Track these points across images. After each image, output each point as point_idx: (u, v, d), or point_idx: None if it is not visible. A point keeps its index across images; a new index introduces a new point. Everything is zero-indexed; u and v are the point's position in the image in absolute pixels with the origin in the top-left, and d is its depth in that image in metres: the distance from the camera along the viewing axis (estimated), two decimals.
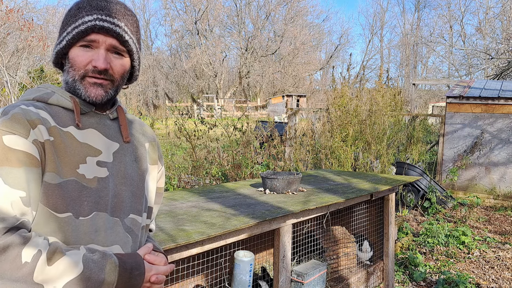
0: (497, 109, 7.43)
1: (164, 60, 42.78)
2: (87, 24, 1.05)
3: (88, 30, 1.05)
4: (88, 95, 1.08)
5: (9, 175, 0.92)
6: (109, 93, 1.11)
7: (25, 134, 0.96)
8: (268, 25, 40.58)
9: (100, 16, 1.06)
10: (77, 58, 1.07)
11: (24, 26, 12.59)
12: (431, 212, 6.50)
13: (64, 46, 1.08)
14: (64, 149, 1.02)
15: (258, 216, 2.05)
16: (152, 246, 1.16)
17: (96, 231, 1.03)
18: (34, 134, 0.98)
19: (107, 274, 0.97)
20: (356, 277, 3.02)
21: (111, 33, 1.07)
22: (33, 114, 1.00)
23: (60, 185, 0.99)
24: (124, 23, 1.10)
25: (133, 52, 1.14)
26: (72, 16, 1.09)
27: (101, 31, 1.06)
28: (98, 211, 1.04)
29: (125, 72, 1.14)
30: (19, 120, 0.97)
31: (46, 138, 1.00)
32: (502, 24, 23.51)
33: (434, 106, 20.24)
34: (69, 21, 1.08)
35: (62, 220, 0.99)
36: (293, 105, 29.96)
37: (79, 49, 1.07)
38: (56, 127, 1.03)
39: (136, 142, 1.21)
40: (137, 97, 35.46)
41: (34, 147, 0.97)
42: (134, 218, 1.13)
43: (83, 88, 1.08)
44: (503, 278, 4.22)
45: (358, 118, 6.67)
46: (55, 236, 0.98)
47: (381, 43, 47.94)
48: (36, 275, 0.89)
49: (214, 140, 6.50)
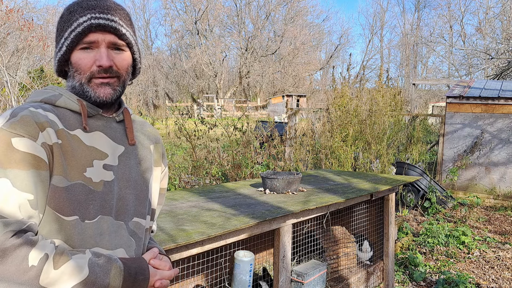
0: (497, 109, 7.43)
1: (164, 60, 42.79)
2: (83, 25, 1.05)
3: (86, 30, 1.05)
4: (97, 96, 1.08)
5: (17, 178, 0.92)
6: (117, 90, 1.12)
7: (34, 137, 0.96)
8: (268, 25, 40.61)
9: (93, 14, 1.06)
10: (80, 62, 1.07)
11: (24, 26, 12.59)
12: (431, 212, 6.50)
13: (65, 52, 1.08)
14: (72, 152, 1.02)
15: (258, 216, 2.05)
16: (157, 250, 1.17)
17: (100, 234, 1.03)
18: (43, 137, 0.97)
19: (111, 278, 0.97)
20: (356, 277, 3.02)
21: (108, 29, 1.07)
22: (41, 117, 1.00)
23: (67, 189, 0.99)
24: (118, 17, 1.10)
25: (132, 44, 1.14)
26: (65, 21, 1.08)
27: (98, 29, 1.06)
28: (103, 215, 1.04)
29: (129, 66, 1.14)
30: (28, 123, 0.97)
31: (55, 141, 1.00)
32: (502, 24, 23.51)
33: (434, 106, 20.24)
34: (64, 27, 1.08)
35: (68, 223, 0.99)
36: (293, 105, 29.96)
37: (80, 52, 1.07)
38: (63, 130, 1.03)
39: (140, 144, 1.21)
40: (137, 97, 35.47)
41: (42, 150, 0.97)
42: (138, 222, 1.13)
43: (91, 90, 1.08)
44: (503, 278, 4.22)
45: (358, 118, 6.67)
46: (61, 239, 0.98)
47: (381, 43, 47.96)
48: (42, 278, 0.89)
49: (214, 140, 6.50)
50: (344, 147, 6.37)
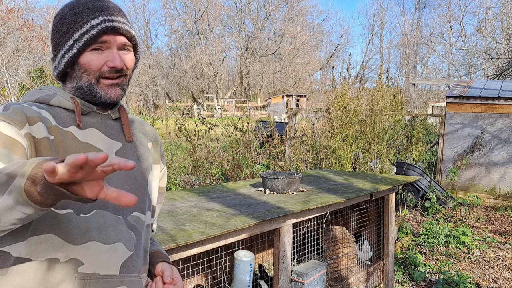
0: (497, 109, 7.43)
1: (164, 60, 42.80)
2: (98, 28, 1.05)
3: (100, 33, 1.06)
4: (108, 97, 1.10)
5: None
6: (124, 90, 1.14)
7: (19, 127, 0.97)
8: (268, 25, 40.62)
9: (105, 17, 1.07)
10: (92, 62, 1.07)
11: (24, 26, 12.59)
12: (431, 212, 6.50)
13: (75, 54, 1.08)
14: (64, 147, 1.03)
15: (258, 216, 2.05)
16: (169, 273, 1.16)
17: (98, 228, 1.02)
18: (29, 129, 0.98)
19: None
20: (356, 277, 3.02)
21: (121, 31, 1.08)
22: (33, 112, 1.02)
23: None
24: (126, 19, 1.12)
25: (138, 45, 1.16)
26: (70, 22, 1.08)
27: (112, 31, 1.07)
28: (99, 209, 1.04)
29: (134, 65, 1.17)
30: (17, 114, 0.99)
31: (45, 136, 1.00)
32: (502, 24, 23.51)
33: (434, 106, 20.25)
34: (70, 29, 1.07)
35: (62, 216, 0.98)
36: (293, 105, 29.97)
37: (91, 53, 1.07)
38: (56, 126, 1.04)
39: (138, 142, 1.21)
40: (137, 97, 35.49)
41: (24, 139, 0.97)
42: (137, 216, 1.13)
43: (101, 90, 1.09)
44: (503, 278, 4.22)
45: (358, 118, 6.68)
46: (54, 232, 0.97)
47: (381, 43, 47.96)
48: None
49: (214, 140, 6.50)
50: (344, 147, 6.37)
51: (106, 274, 1.03)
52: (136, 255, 1.11)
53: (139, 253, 1.12)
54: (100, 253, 1.02)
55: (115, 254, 1.05)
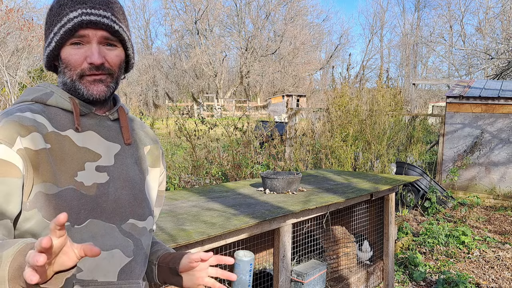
0: (497, 109, 7.43)
1: (164, 60, 42.79)
2: (74, 21, 1.00)
3: (76, 27, 1.00)
4: (90, 93, 1.04)
5: None
6: (110, 87, 1.07)
7: (11, 143, 0.93)
8: (268, 25, 40.60)
9: (84, 10, 1.01)
10: (71, 57, 1.02)
11: (24, 26, 12.60)
12: (431, 212, 6.50)
13: (54, 48, 1.03)
14: (62, 156, 0.99)
15: (258, 216, 2.06)
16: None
17: (92, 237, 1.00)
18: (21, 143, 0.94)
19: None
20: (356, 277, 3.02)
21: (100, 26, 1.01)
22: (27, 121, 0.97)
23: (58, 195, 0.96)
24: (111, 12, 1.04)
25: (126, 40, 1.09)
26: (55, 14, 1.04)
27: (89, 25, 1.01)
28: (93, 218, 1.01)
29: (121, 62, 1.09)
30: (8, 128, 0.94)
31: (42, 147, 0.96)
32: (502, 24, 23.51)
33: (434, 106, 20.26)
34: (54, 21, 1.04)
35: None
36: (293, 105, 29.98)
37: (70, 47, 1.02)
38: (53, 132, 1.00)
39: (137, 144, 1.18)
40: (137, 97, 35.46)
41: (17, 157, 0.93)
42: (133, 223, 1.09)
43: (84, 87, 1.04)
44: (503, 278, 4.22)
45: (358, 118, 6.68)
46: None
47: (381, 43, 47.95)
48: None
49: (214, 140, 6.50)
50: (344, 147, 6.38)
51: (104, 281, 1.01)
52: (135, 261, 1.08)
53: (138, 259, 1.09)
54: (97, 260, 1.00)
55: (112, 261, 1.03)
